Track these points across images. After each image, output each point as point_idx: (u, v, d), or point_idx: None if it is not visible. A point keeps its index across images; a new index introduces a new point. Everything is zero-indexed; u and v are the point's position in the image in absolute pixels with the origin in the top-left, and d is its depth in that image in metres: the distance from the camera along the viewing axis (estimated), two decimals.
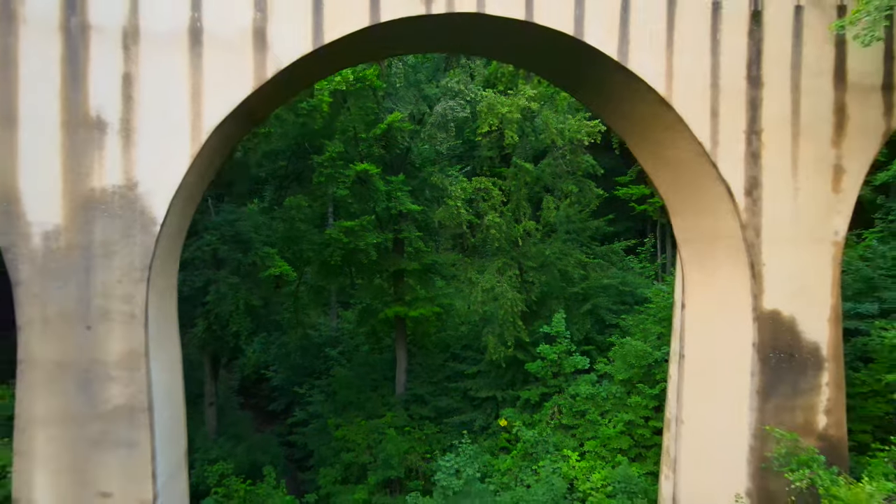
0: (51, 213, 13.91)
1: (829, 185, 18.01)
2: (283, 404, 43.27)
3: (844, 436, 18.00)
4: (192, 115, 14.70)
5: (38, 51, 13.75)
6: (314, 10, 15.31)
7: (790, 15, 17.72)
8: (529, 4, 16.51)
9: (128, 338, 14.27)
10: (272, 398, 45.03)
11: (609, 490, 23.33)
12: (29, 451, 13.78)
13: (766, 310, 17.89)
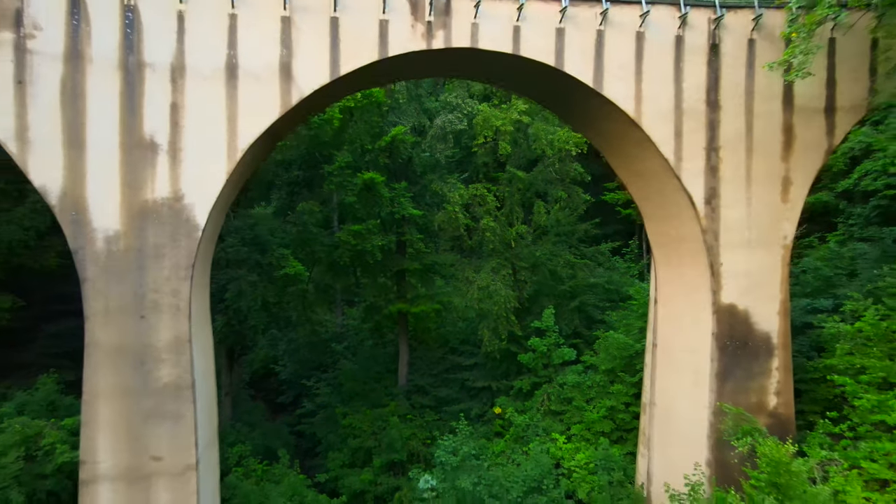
0: (112, 221, 16.53)
1: (779, 196, 20.65)
2: (290, 396, 45.77)
3: (792, 414, 20.63)
4: (228, 137, 17.32)
5: (101, 85, 16.36)
6: (332, 48, 17.94)
7: (744, 47, 20.36)
8: (516, 40, 19.15)
9: (174, 326, 16.89)
10: (280, 391, 47.53)
11: (591, 467, 25.91)
12: (94, 420, 16.39)
13: (723, 304, 20.52)
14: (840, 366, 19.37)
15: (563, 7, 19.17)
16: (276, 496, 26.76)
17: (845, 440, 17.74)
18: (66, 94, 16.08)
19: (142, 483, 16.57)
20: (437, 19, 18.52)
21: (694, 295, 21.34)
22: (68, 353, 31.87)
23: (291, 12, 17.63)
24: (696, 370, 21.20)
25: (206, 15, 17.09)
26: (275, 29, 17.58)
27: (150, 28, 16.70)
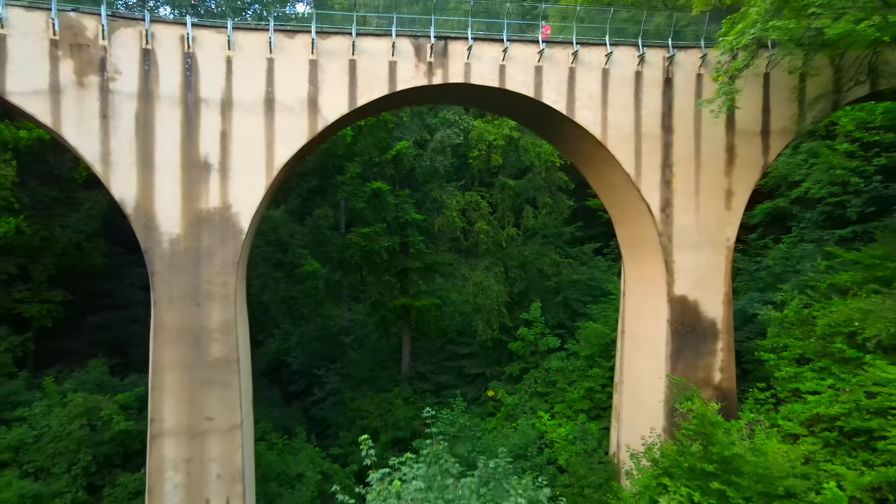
0: (174, 226, 20.52)
1: (723, 205, 24.63)
2: (301, 385, 49.62)
3: (734, 387, 24.60)
4: (266, 158, 21.31)
5: (167, 117, 20.35)
6: (350, 84, 21.94)
7: (693, 81, 24.33)
8: (502, 76, 23.14)
9: (224, 311, 20.88)
10: (292, 381, 51.39)
11: (570, 438, 29.83)
12: (160, 386, 20.37)
13: (676, 295, 24.50)
14: (769, 346, 23.32)
15: (541, 49, 23.18)
16: (296, 464, 30.74)
17: (768, 405, 21.72)
18: (140, 125, 20.09)
19: (198, 438, 20.55)
20: (437, 60, 22.52)
21: (653, 288, 25.34)
22: (109, 342, 36.00)
23: (318, 56, 21.63)
24: (655, 352, 25.19)
25: (249, 59, 21.10)
26: (304, 70, 21.58)
27: (205, 71, 20.70)
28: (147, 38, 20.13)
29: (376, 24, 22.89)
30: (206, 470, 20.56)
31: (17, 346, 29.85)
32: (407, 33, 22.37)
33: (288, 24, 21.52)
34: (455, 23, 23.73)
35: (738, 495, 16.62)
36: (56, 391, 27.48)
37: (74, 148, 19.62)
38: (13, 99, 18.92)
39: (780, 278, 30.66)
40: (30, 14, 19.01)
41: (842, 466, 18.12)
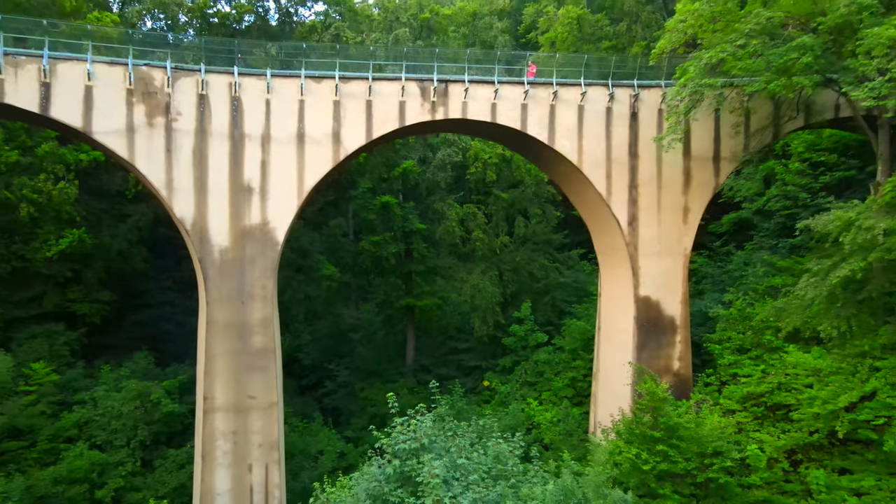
0: (224, 240, 24.98)
1: (681, 219, 29.08)
2: (313, 379, 53.96)
3: (690, 374, 29.04)
4: (297, 183, 25.78)
5: (218, 150, 24.81)
6: (367, 121, 26.41)
7: (655, 114, 28.78)
8: (494, 112, 27.61)
9: (263, 309, 25.35)
10: (304, 375, 55.80)
11: (555, 421, 34.27)
12: (212, 371, 24.81)
13: (641, 296, 28.95)
14: (717, 338, 27.80)
15: (526, 89, 27.68)
16: (316, 444, 35.24)
17: (713, 387, 26.19)
18: (196, 157, 24.57)
19: (242, 413, 25.02)
20: (439, 99, 27.02)
21: (623, 289, 29.80)
22: (145, 337, 40.42)
23: (341, 97, 26.13)
24: (624, 344, 29.64)
25: (284, 101, 25.59)
26: (329, 109, 26.07)
27: (249, 111, 25.19)
28: (202, 85, 24.63)
29: (391, 69, 27.32)
30: (249, 440, 25.04)
31: (73, 341, 34.30)
32: (414, 77, 26.88)
33: (316, 70, 25.96)
34: (455, 68, 28.19)
35: (677, 454, 21.08)
36: (111, 378, 31.93)
37: (145, 176, 24.11)
38: (97, 137, 23.41)
39: (738, 281, 35.04)
40: (111, 68, 23.49)
41: (765, 434, 22.56)
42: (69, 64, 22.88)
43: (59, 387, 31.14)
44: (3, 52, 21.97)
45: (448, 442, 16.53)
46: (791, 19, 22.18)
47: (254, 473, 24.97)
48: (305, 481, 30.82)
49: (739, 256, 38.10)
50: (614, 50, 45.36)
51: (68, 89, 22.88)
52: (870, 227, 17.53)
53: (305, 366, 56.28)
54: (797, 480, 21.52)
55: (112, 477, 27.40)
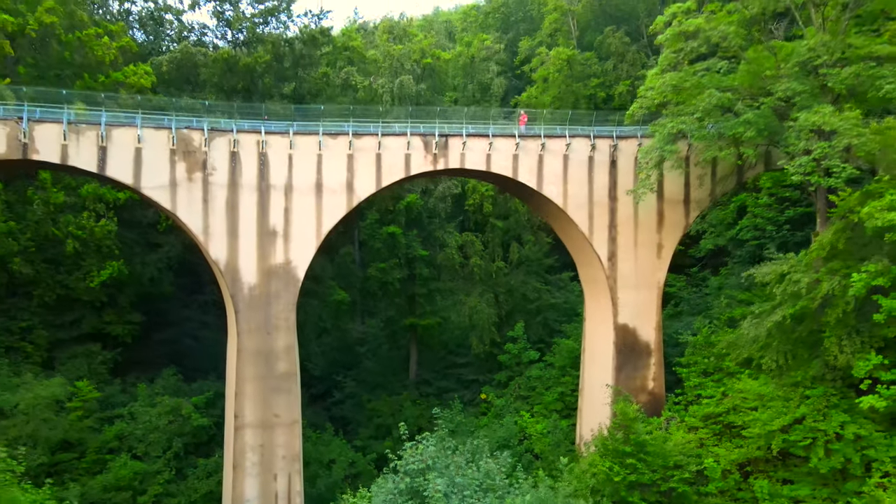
0: (252, 278, 28.62)
1: (655, 255, 32.73)
2: (321, 389, 57.59)
3: (663, 392, 32.68)
4: (316, 227, 29.43)
5: (247, 199, 28.45)
6: (377, 171, 30.07)
7: (632, 162, 32.39)
8: (489, 162, 31.26)
9: (286, 338, 29.00)
10: (313, 384, 59.38)
11: (545, 432, 37.90)
12: (243, 393, 28.44)
13: (620, 323, 32.59)
14: (685, 362, 31.47)
15: (517, 142, 31.35)
16: (328, 452, 38.89)
17: (680, 406, 29.84)
18: (229, 206, 28.24)
19: (268, 429, 28.65)
20: (440, 152, 30.69)
21: (604, 317, 33.45)
22: (170, 354, 44.04)
23: (354, 151, 29.80)
24: (605, 365, 33.27)
25: (305, 156, 29.24)
26: (343, 162, 29.73)
27: (274, 165, 28.86)
28: (234, 144, 28.31)
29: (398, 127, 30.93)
30: (275, 452, 28.70)
31: (109, 360, 37.96)
32: (418, 132, 30.57)
33: (332, 128, 29.62)
34: (454, 123, 31.83)
35: (644, 467, 24.73)
36: (146, 395, 35.60)
37: (185, 223, 27.79)
38: (145, 192, 27.10)
39: (707, 310, 38.57)
40: (157, 132, 27.18)
41: (722, 448, 26.15)
42: (122, 129, 26.58)
43: (99, 402, 34.77)
44: (68, 122, 25.65)
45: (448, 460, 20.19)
46: (743, 91, 25.86)
47: (278, 482, 28.64)
48: (321, 488, 34.50)
49: (714, 281, 41.81)
50: (602, 87, 49.10)
51: (121, 151, 26.57)
52: (797, 281, 21.16)
53: (315, 376, 59.79)
54: (747, 489, 25.10)
55: (151, 484, 31.04)
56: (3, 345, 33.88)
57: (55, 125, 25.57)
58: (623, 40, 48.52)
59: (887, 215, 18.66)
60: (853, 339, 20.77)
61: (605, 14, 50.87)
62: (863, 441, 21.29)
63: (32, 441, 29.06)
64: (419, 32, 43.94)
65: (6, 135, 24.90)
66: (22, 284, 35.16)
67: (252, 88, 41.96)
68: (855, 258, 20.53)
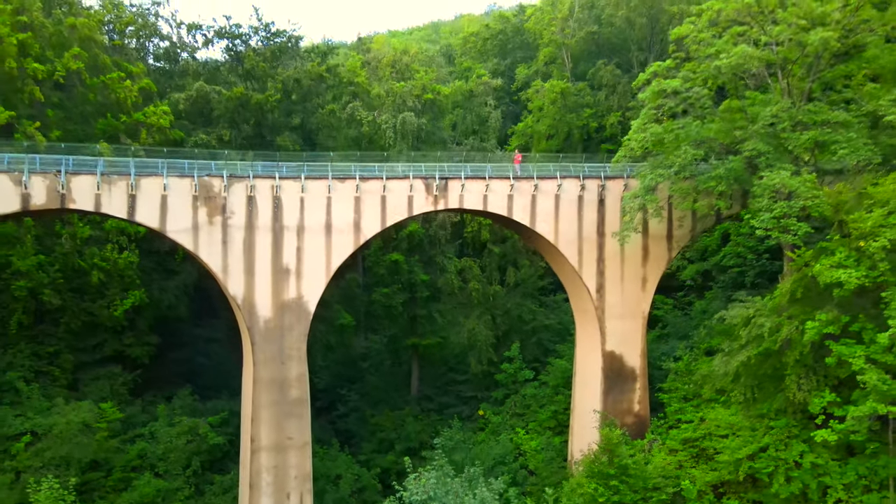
0: (267, 312, 31.07)
1: (640, 287, 35.18)
2: (326, 402, 59.92)
3: (648, 414, 35.14)
4: (326, 264, 31.90)
5: (262, 240, 30.90)
6: (381, 212, 32.54)
7: (618, 201, 34.80)
8: (485, 202, 33.73)
9: (298, 368, 31.47)
10: (317, 397, 61.70)
11: (539, 449, 40.32)
12: (258, 418, 30.87)
13: (607, 350, 35.05)
14: (667, 388, 33.94)
15: (512, 183, 33.81)
16: (335, 468, 41.32)
17: (662, 429, 32.31)
18: (246, 246, 30.69)
19: (282, 452, 31.10)
20: (440, 193, 33.15)
21: (593, 344, 35.90)
22: (185, 372, 46.51)
23: (360, 194, 32.26)
24: (594, 389, 35.73)
25: (315, 199, 31.69)
26: (351, 204, 32.19)
27: (287, 207, 31.31)
28: (250, 189, 30.79)
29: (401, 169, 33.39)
30: (288, 473, 31.17)
31: (129, 381, 40.44)
32: (420, 175, 33.02)
33: (340, 173, 32.09)
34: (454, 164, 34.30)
35: (626, 488, 27.21)
36: (165, 415, 38.06)
37: (206, 263, 30.26)
38: (170, 235, 29.58)
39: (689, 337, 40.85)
40: (181, 180, 29.64)
41: (697, 470, 28.60)
42: (149, 179, 29.05)
43: (121, 422, 37.23)
44: (101, 173, 28.13)
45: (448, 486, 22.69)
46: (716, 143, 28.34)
47: (291, 500, 31.10)
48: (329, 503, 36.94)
49: (699, 305, 44.26)
50: (595, 117, 51.60)
51: (149, 199, 29.05)
52: (761, 325, 23.61)
53: (319, 389, 61.97)
54: None
55: (173, 501, 33.47)
56: (32, 369, 36.33)
57: (90, 177, 28.04)
58: (614, 73, 51.00)
59: (835, 273, 21.12)
60: (810, 378, 23.21)
61: (597, 46, 53.35)
62: (819, 469, 23.75)
63: (66, 462, 31.53)
64: (420, 68, 46.34)
65: (46, 186, 27.38)
66: (49, 312, 37.59)
67: (262, 122, 44.45)
68: (811, 306, 22.96)
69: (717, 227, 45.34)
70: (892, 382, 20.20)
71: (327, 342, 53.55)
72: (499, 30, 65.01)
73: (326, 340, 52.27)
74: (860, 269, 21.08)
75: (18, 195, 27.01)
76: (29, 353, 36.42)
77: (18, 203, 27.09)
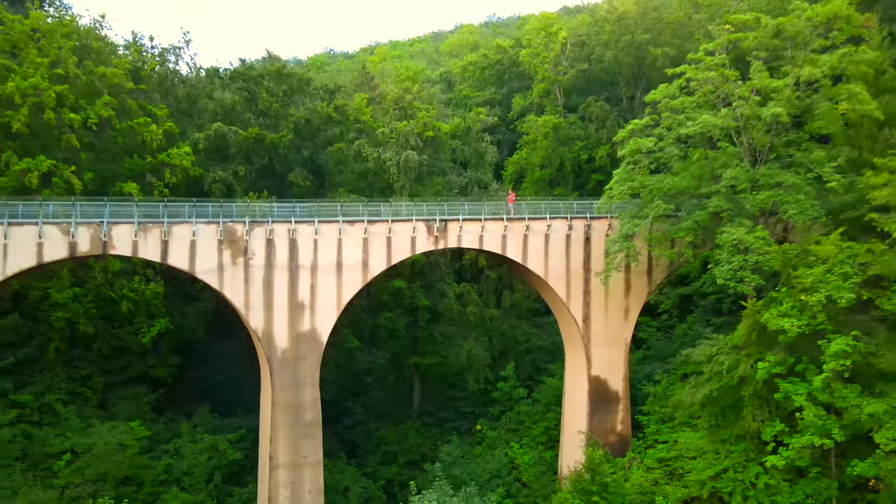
0: (284, 343, 34.49)
1: (623, 318, 38.60)
2: (331, 413, 63.11)
3: (630, 433, 38.54)
4: (337, 299, 35.31)
5: (280, 278, 34.31)
6: (387, 251, 35.96)
7: (602, 239, 38.21)
8: (481, 241, 37.15)
9: (312, 392, 34.89)
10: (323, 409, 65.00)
11: (532, 463, 43.71)
12: (276, 438, 34.27)
13: (593, 375, 38.46)
14: (646, 410, 37.35)
15: (505, 224, 37.24)
16: (343, 480, 44.70)
17: (640, 449, 35.71)
18: (265, 284, 34.10)
19: (297, 469, 34.50)
20: (440, 234, 36.57)
21: (580, 369, 39.32)
22: (203, 389, 49.92)
23: (368, 236, 35.68)
24: (580, 410, 39.14)
25: (328, 240, 35.11)
26: (359, 244, 35.61)
27: (302, 248, 34.73)
28: (269, 232, 34.20)
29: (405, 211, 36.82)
30: (303, 488, 34.57)
31: (153, 400, 43.86)
32: (422, 218, 36.42)
33: (350, 217, 35.51)
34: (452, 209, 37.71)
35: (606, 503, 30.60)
36: (187, 431, 41.49)
37: (229, 299, 33.66)
38: (198, 275, 32.99)
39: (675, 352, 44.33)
40: (207, 226, 33.06)
41: (670, 487, 31.99)
42: (180, 226, 32.47)
43: (147, 439, 40.63)
44: (138, 222, 31.56)
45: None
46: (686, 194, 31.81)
47: None
48: None
49: (680, 329, 47.67)
50: (585, 149, 55.02)
51: (180, 243, 32.45)
52: (721, 363, 27.03)
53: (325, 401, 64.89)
54: None
55: None
56: (68, 391, 39.75)
57: (128, 225, 31.45)
58: (603, 108, 54.43)
59: (781, 321, 24.52)
60: (763, 409, 26.59)
61: (588, 82, 56.81)
62: (772, 489, 27.14)
63: (103, 478, 34.93)
64: (422, 106, 49.76)
65: (90, 235, 30.81)
66: (82, 338, 41.00)
67: (275, 157, 47.89)
68: (764, 346, 26.35)
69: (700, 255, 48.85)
70: (826, 418, 23.62)
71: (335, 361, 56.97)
72: (496, 60, 68.50)
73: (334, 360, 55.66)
74: (802, 319, 24.49)
75: (67, 244, 30.43)
76: (65, 377, 39.83)
77: (66, 250, 30.52)
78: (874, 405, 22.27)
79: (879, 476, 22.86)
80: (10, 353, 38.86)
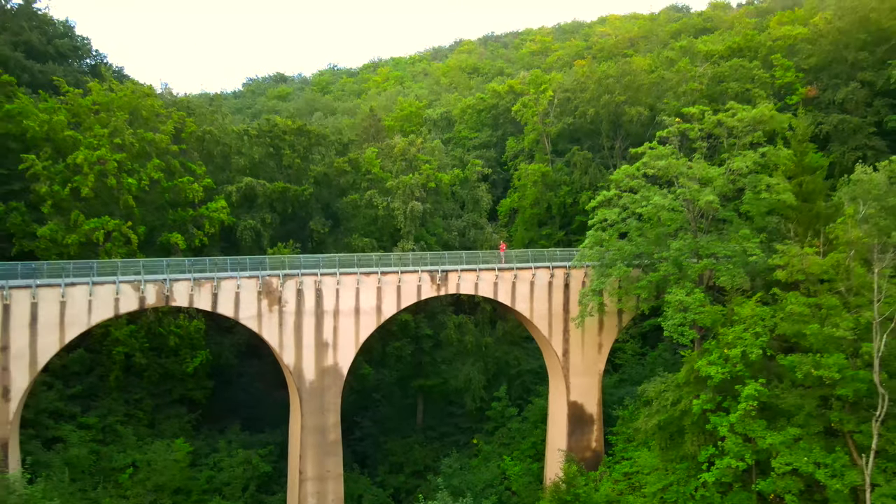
0: (312, 375, 41.30)
1: (597, 351, 45.40)
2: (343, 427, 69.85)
3: (602, 450, 45.31)
4: (355, 338, 42.14)
5: (308, 321, 41.13)
6: (397, 298, 42.79)
7: (580, 284, 45.01)
8: (476, 287, 43.99)
9: (334, 417, 41.71)
10: None
11: (521, 474, 50.46)
12: (305, 456, 41.04)
13: (571, 400, 45.27)
14: (616, 431, 44.16)
15: (497, 273, 44.09)
16: (357, 489, 51.50)
17: (609, 464, 42.48)
18: (295, 327, 40.91)
19: (322, 481, 41.31)
20: (442, 282, 43.42)
21: (560, 394, 46.15)
22: (235, 407, 56.70)
23: (381, 284, 42.54)
24: (561, 429, 45.96)
25: (347, 290, 41.96)
26: (374, 291, 42.46)
27: (325, 296, 41.56)
28: (299, 283, 41.06)
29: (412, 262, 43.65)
30: (327, 498, 41.39)
31: (193, 419, 50.68)
32: (426, 269, 43.26)
33: (366, 269, 42.29)
34: (452, 259, 44.56)
35: None
36: (224, 447, 48.31)
37: (266, 340, 40.50)
38: (241, 321, 39.84)
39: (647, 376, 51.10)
40: (249, 280, 39.92)
41: (632, 497, 38.78)
42: (227, 280, 39.33)
43: (190, 454, 47.43)
44: (193, 279, 38.40)
45: None
46: (646, 255, 38.64)
47: None
48: None
49: (652, 356, 54.54)
50: (570, 194, 61.91)
51: (226, 294, 39.31)
52: (667, 398, 33.82)
53: None
54: None
55: None
56: (124, 413, 46.57)
57: (185, 282, 38.31)
58: (586, 157, 61.34)
59: (709, 368, 31.33)
60: (699, 436, 33.39)
61: (572, 133, 63.76)
62: (707, 499, 33.89)
63: (161, 488, 41.76)
64: (425, 157, 56.66)
65: (156, 291, 37.66)
66: (135, 367, 47.83)
67: (297, 206, 54.79)
68: (699, 386, 33.17)
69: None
70: (742, 445, 30.42)
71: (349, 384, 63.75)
72: (492, 104, 75.45)
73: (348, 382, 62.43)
74: (726, 367, 31.30)
75: (137, 298, 37.30)
76: (122, 401, 46.65)
77: (137, 304, 37.39)
78: (773, 437, 29.07)
79: (776, 492, 29.65)
80: (78, 381, 45.73)
